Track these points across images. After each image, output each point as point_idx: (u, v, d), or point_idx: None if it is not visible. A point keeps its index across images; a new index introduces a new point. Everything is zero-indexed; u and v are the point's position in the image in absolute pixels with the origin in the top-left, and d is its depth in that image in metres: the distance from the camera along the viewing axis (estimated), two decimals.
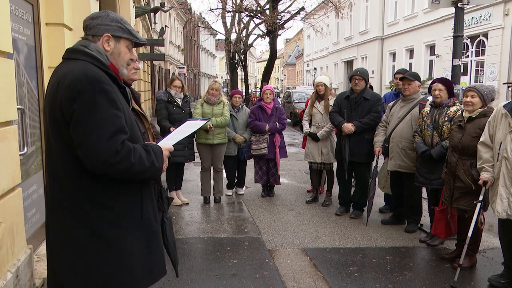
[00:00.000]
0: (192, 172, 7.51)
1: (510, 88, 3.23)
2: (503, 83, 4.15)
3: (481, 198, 3.41)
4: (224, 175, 6.01)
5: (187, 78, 37.21)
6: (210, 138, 5.57)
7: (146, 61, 17.98)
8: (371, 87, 6.37)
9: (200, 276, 3.56)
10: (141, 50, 17.18)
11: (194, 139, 5.60)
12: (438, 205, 4.07)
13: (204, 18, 31.34)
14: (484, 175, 3.35)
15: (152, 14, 19.27)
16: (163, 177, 1.94)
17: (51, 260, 1.76)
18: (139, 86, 16.48)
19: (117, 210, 1.69)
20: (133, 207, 1.74)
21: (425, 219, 4.75)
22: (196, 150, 5.74)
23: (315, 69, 37.96)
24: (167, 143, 1.94)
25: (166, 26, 23.19)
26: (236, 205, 5.81)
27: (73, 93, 1.57)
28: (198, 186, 6.16)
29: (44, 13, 3.68)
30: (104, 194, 1.67)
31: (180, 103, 5.40)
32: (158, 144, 1.91)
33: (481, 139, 3.41)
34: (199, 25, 31.40)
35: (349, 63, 29.50)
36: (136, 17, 12.41)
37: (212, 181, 5.89)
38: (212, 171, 5.84)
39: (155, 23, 22.12)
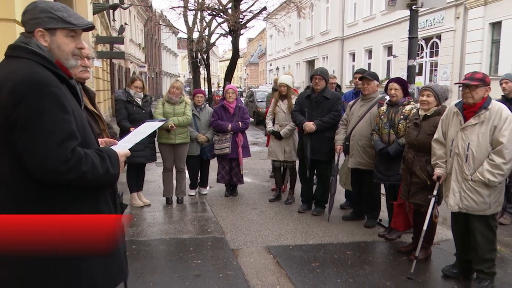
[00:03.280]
0: (154, 172, 7.38)
1: (460, 88, 3.39)
2: (455, 83, 4.38)
3: (435, 192, 3.57)
4: (187, 175, 5.95)
5: (148, 77, 36.50)
6: (172, 138, 5.49)
7: (105, 60, 17.48)
8: (338, 86, 6.51)
9: (163, 278, 3.51)
10: (100, 48, 16.70)
11: (155, 139, 5.50)
12: (396, 200, 4.21)
13: (165, 16, 30.77)
14: (437, 171, 3.50)
15: (111, 11, 18.77)
16: (121, 179, 1.88)
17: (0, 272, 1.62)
18: (98, 85, 16.01)
19: None
20: (88, 214, 1.65)
21: (383, 214, 4.91)
22: (157, 150, 5.65)
23: (277, 68, 38.29)
24: (124, 146, 1.87)
25: (125, 23, 22.65)
26: (199, 205, 5.76)
27: (17, 97, 1.45)
28: (160, 187, 6.06)
29: None
30: (56, 201, 1.57)
31: (140, 103, 5.29)
32: (115, 147, 1.83)
33: (435, 136, 3.56)
34: (160, 23, 30.80)
35: (311, 63, 29.97)
36: (94, 14, 12.05)
37: (174, 182, 5.82)
38: (174, 172, 5.77)
39: (114, 20, 21.54)
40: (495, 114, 3.18)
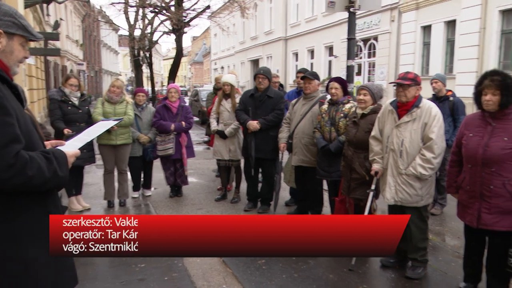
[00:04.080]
0: (94, 175, 7.08)
1: (395, 87, 3.59)
2: (389, 83, 4.64)
3: (373, 187, 3.74)
4: (129, 176, 5.77)
5: (87, 75, 34.90)
6: (112, 138, 5.29)
7: (38, 57, 16.48)
8: (281, 85, 6.61)
9: (105, 285, 3.39)
10: (33, 44, 15.71)
11: (94, 139, 5.27)
12: (337, 196, 4.36)
13: (104, 12, 29.58)
14: (375, 166, 3.67)
15: (44, 5, 17.72)
16: None
17: None
18: (31, 84, 15.07)
19: (16, 223, 1.53)
20: (36, 218, 1.60)
21: (326, 209, 5.05)
22: (97, 151, 5.42)
23: (222, 67, 38.20)
24: (74, 145, 1.82)
25: (61, 19, 21.50)
26: (143, 207, 5.62)
27: None
28: (101, 190, 5.82)
29: None
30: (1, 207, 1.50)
31: (76, 102, 5.04)
32: (63, 148, 1.77)
33: (372, 133, 3.72)
34: (99, 19, 29.53)
35: (255, 62, 30.21)
36: (25, 8, 11.33)
37: (116, 184, 5.61)
38: (116, 173, 5.57)
39: (48, 15, 20.37)
40: (425, 112, 3.39)
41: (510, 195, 2.85)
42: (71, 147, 1.81)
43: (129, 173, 5.73)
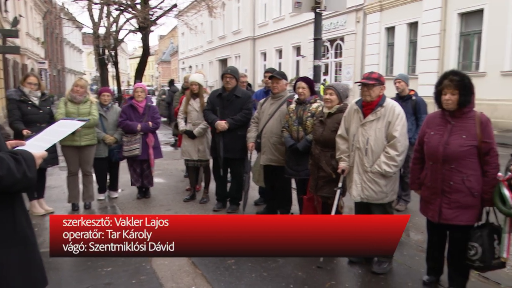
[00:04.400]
0: (57, 177, 6.85)
1: (360, 87, 3.67)
2: (354, 82, 4.75)
3: (340, 185, 3.81)
4: (94, 178, 5.62)
5: (49, 74, 33.74)
6: (76, 139, 5.13)
7: None
8: (249, 85, 6.61)
9: None
10: None
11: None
12: (306, 194, 4.41)
13: (67, 9, 28.61)
14: (341, 165, 3.74)
15: (2, 1, 16.99)
16: None
17: None
18: None
19: None
20: (4, 220, 1.56)
21: (295, 208, 5.10)
22: (60, 153, 5.24)
23: (190, 67, 37.85)
24: (37, 145, 1.76)
25: (20, 15, 20.67)
26: (109, 210, 5.48)
27: None
28: (64, 193, 5.63)
29: None
30: None
31: (36, 102, 4.86)
32: (27, 145, 1.73)
33: (338, 132, 3.79)
34: (62, 16, 28.54)
35: (224, 62, 30.15)
36: None
37: (81, 186, 5.45)
38: (80, 175, 5.41)
39: (6, 11, 19.52)
40: (389, 111, 3.49)
41: (468, 190, 2.97)
42: (33, 147, 1.74)
43: (94, 175, 5.58)
